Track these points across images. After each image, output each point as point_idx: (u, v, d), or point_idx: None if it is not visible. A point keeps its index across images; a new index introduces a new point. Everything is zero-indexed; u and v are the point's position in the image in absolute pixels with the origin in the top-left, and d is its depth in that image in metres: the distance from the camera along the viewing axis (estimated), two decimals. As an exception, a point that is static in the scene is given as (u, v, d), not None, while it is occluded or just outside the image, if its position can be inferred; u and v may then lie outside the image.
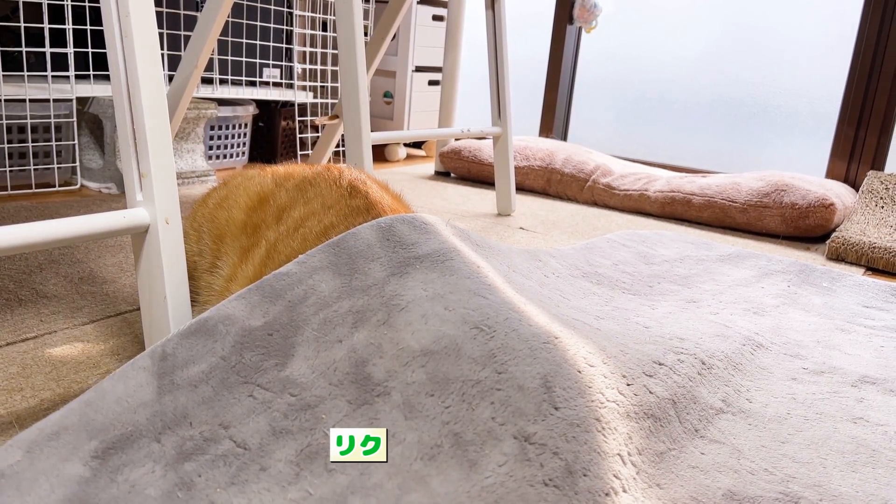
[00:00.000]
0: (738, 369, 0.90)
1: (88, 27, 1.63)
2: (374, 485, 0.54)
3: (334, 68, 2.29)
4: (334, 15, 2.28)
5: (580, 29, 2.64)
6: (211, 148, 2.04)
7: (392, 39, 2.23)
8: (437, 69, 2.67)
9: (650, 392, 0.72)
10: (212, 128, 2.02)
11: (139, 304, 1.03)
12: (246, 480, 0.54)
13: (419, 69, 2.61)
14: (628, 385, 0.70)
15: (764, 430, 0.78)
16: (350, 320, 0.66)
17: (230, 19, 1.95)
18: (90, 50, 1.65)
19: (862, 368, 0.97)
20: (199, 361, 0.62)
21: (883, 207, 1.86)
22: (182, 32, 1.84)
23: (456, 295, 0.68)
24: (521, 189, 2.21)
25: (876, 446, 0.77)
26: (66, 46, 1.57)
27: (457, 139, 2.41)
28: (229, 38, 1.96)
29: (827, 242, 1.68)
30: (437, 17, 2.63)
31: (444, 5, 2.62)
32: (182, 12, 1.85)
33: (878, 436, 0.80)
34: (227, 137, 2.09)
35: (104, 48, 1.67)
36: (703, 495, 0.64)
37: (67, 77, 1.61)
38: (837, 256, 1.65)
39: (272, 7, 2.09)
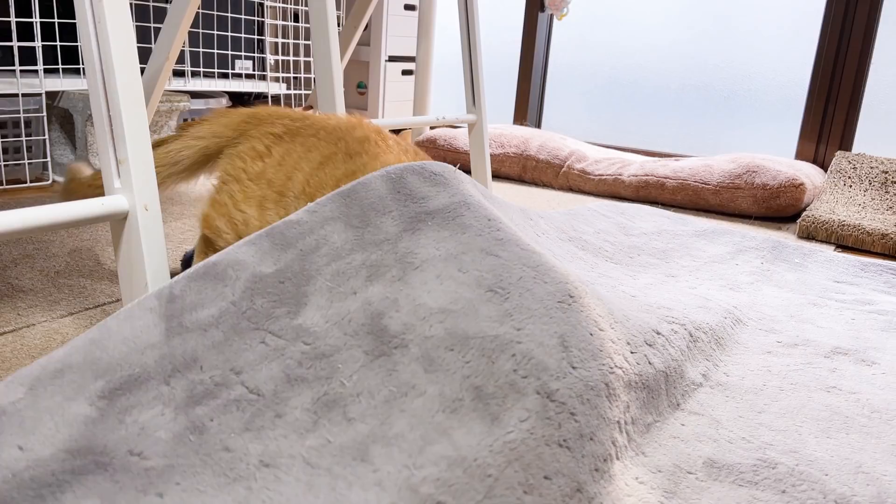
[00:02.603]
0: (719, 343, 0.92)
1: (56, 20, 1.60)
2: (395, 434, 0.54)
3: (307, 59, 2.28)
4: (306, 5, 2.26)
5: (552, 16, 2.65)
6: (184, 141, 2.03)
7: (364, 29, 2.22)
8: (411, 59, 2.66)
9: (649, 363, 0.73)
10: (184, 120, 2.00)
11: (118, 296, 1.03)
12: (261, 427, 0.53)
13: (392, 59, 2.60)
14: (632, 353, 0.71)
15: (741, 401, 0.80)
16: (364, 273, 0.65)
17: (201, 10, 1.93)
18: (58, 44, 1.63)
19: (834, 340, 1.00)
20: (208, 305, 0.60)
21: (851, 186, 1.90)
22: (152, 24, 1.82)
23: (468, 255, 0.67)
24: (496, 176, 2.22)
25: (849, 413, 0.79)
26: (33, 40, 1.55)
27: (432, 127, 2.42)
28: (200, 30, 1.94)
29: (798, 221, 1.71)
30: (408, 7, 2.63)
31: (416, -6, 2.62)
32: (151, 3, 1.83)
33: (851, 403, 0.82)
34: (200, 130, 2.07)
35: (73, 41, 1.65)
36: (685, 462, 0.66)
37: (36, 71, 1.58)
38: (808, 235, 1.68)
39: (243, -2, 2.07)
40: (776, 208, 1.82)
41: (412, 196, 0.73)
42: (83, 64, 1.61)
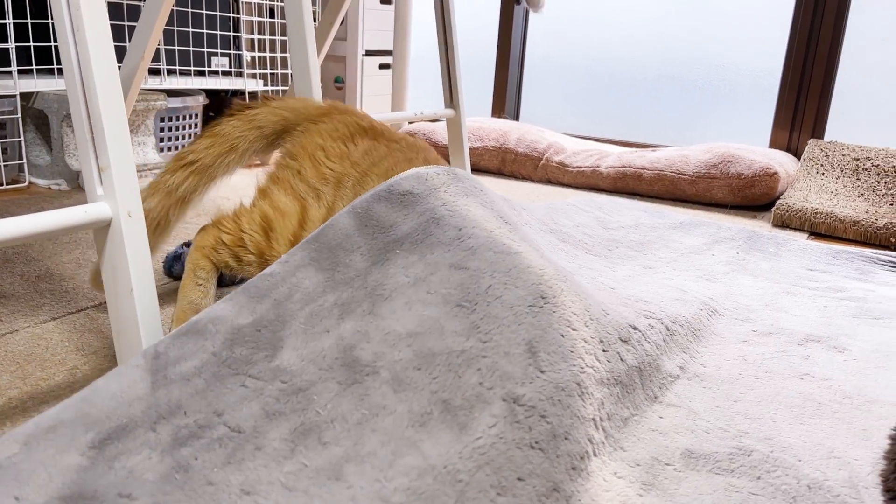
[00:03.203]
0: (696, 335, 0.94)
1: (29, 21, 1.59)
2: (367, 453, 0.56)
3: (283, 55, 2.27)
4: (281, 1, 2.25)
5: (527, 9, 2.66)
6: (162, 140, 2.02)
7: (341, 24, 2.22)
8: (388, 52, 2.66)
9: (622, 360, 0.75)
10: (162, 119, 1.99)
11: (102, 300, 1.03)
12: (242, 459, 0.55)
13: (369, 53, 2.60)
14: (604, 351, 0.73)
15: (717, 391, 0.82)
16: (336, 312, 0.68)
17: (175, 8, 1.92)
18: (32, 44, 1.61)
19: (807, 328, 1.02)
20: (190, 358, 0.63)
21: (823, 174, 1.93)
22: (126, 23, 1.81)
23: (437, 275, 0.70)
24: (476, 170, 2.23)
25: (821, 399, 0.82)
26: (6, 41, 1.53)
27: (410, 122, 2.42)
28: (175, 28, 1.93)
29: (772, 210, 1.74)
30: (384, 1, 2.62)
31: (392, -12, 2.61)
32: (125, 2, 1.81)
33: (823, 390, 0.84)
34: (177, 129, 2.06)
35: (46, 41, 1.64)
36: (663, 455, 0.68)
37: (10, 73, 1.57)
38: (782, 223, 1.72)
39: (217, -6, 2.06)
40: (751, 197, 1.85)
41: (380, 226, 0.76)
42: (57, 64, 1.60)
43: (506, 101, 2.70)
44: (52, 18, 1.55)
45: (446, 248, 0.73)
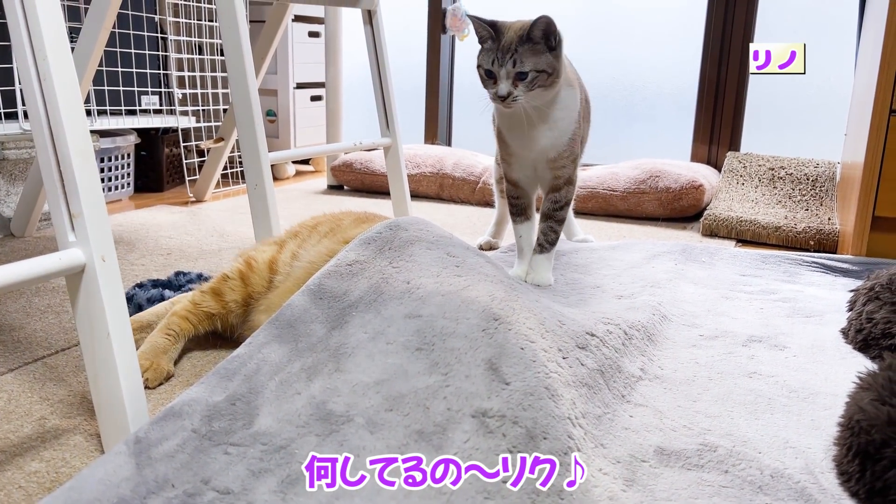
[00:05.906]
0: (651, 340, 0.99)
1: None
2: (354, 491, 0.60)
3: (214, 91, 2.26)
4: (210, 38, 2.25)
5: (454, 37, 2.73)
6: (93, 181, 1.97)
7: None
8: (319, 84, 2.68)
9: (582, 364, 0.80)
10: (93, 160, 1.95)
11: (58, 347, 1.01)
12: None
13: (300, 86, 2.61)
14: (564, 358, 0.78)
15: (677, 392, 0.87)
16: (304, 376, 0.72)
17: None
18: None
19: (748, 329, 1.09)
20: (171, 438, 0.65)
21: (743, 184, 2.05)
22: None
23: (393, 327, 0.75)
24: (415, 196, 2.26)
25: (770, 395, 0.88)
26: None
27: (346, 153, 2.44)
28: (104, 68, 1.90)
29: (700, 220, 1.83)
30: (312, 34, 2.65)
31: (320, 21, 2.64)
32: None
33: (771, 386, 0.90)
34: (110, 170, 2.02)
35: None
36: (639, 452, 0.72)
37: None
38: (711, 232, 1.81)
39: (145, 34, 2.04)
40: (680, 209, 1.95)
41: (334, 296, 0.82)
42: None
43: (437, 127, 2.75)
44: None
45: (398, 301, 0.79)
